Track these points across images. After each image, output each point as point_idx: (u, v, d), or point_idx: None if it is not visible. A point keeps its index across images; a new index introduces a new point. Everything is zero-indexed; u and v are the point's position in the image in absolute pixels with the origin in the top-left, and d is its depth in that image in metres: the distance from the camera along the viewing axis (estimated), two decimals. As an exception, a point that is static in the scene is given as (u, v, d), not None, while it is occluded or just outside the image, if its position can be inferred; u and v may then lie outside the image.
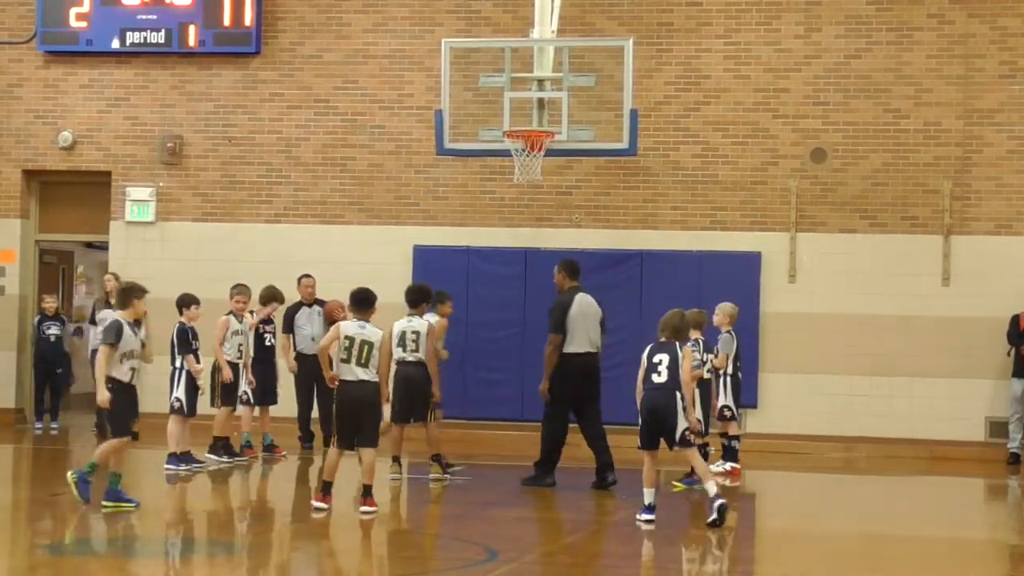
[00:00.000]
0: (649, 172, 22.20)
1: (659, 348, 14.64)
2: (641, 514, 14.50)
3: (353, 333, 14.95)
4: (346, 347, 14.89)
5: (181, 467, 17.78)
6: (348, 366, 14.87)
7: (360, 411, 14.89)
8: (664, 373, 14.48)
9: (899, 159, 21.79)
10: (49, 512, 15.22)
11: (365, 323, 15.05)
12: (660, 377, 14.50)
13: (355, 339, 14.90)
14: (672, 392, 14.47)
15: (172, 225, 23.21)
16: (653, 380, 14.52)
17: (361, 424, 14.88)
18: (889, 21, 21.84)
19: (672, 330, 14.69)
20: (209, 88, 23.20)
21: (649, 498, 14.49)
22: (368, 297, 15.38)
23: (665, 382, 14.46)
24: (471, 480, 18.16)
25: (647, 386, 14.57)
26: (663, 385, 14.47)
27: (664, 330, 14.71)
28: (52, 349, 22.98)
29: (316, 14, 22.97)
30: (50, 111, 23.53)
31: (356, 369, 14.85)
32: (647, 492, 14.51)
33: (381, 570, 12.85)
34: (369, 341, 14.87)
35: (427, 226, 22.58)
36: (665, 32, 22.22)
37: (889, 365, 21.62)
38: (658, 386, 14.49)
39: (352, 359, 14.86)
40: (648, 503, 14.48)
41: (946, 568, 13.42)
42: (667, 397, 14.47)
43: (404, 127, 22.70)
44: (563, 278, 17.69)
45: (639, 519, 14.48)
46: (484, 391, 22.11)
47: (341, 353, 14.93)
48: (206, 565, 12.74)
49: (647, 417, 14.55)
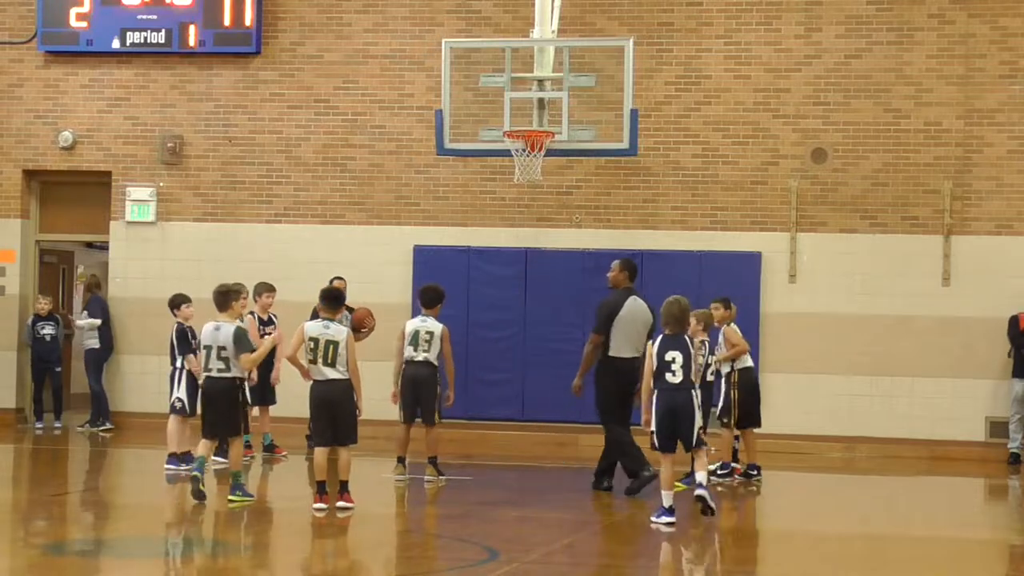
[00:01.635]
0: (649, 172, 22.20)
1: (669, 344, 14.50)
2: (659, 516, 14.39)
3: (317, 334, 15.00)
4: (311, 348, 14.97)
5: (181, 467, 17.76)
6: (316, 367, 14.93)
7: (332, 409, 15.00)
8: (679, 372, 14.41)
9: (899, 159, 21.79)
10: (48, 512, 15.22)
11: (330, 322, 15.07)
12: (675, 377, 14.42)
13: (319, 339, 14.97)
14: (689, 392, 14.43)
15: (172, 225, 23.21)
16: (668, 380, 14.43)
17: (335, 422, 14.99)
18: (890, 21, 21.84)
19: (675, 322, 14.54)
20: (209, 88, 23.20)
21: (668, 501, 14.43)
22: (339, 296, 15.47)
23: (681, 382, 14.40)
24: (472, 480, 18.16)
25: (662, 386, 14.46)
26: (680, 385, 14.41)
27: (668, 323, 14.59)
28: (47, 349, 22.99)
29: (316, 14, 22.97)
30: (50, 111, 23.53)
31: (324, 369, 14.94)
32: (665, 495, 14.45)
33: (383, 570, 12.85)
34: (334, 340, 14.95)
35: (427, 226, 22.58)
36: (665, 32, 22.22)
37: (889, 365, 21.62)
38: (675, 386, 14.41)
39: (319, 359, 14.93)
40: (667, 505, 14.42)
41: (946, 568, 13.41)
42: (685, 397, 14.43)
43: (404, 127, 22.70)
44: (622, 277, 17.09)
45: (657, 521, 14.40)
46: (484, 391, 22.11)
47: (307, 354, 14.99)
48: (206, 565, 12.73)
49: (666, 419, 14.44)
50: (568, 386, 17.19)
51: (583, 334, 21.88)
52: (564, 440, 21.95)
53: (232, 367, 15.21)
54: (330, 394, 14.97)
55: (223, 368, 15.21)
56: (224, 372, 15.23)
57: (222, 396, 15.25)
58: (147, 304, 22.40)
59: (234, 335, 15.18)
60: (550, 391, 21.87)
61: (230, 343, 15.13)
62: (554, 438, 22.00)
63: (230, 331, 15.17)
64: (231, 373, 15.23)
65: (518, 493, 17.79)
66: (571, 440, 21.95)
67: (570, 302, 21.96)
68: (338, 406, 15.01)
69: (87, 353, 22.92)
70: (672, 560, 13.51)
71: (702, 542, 14.09)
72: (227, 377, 15.23)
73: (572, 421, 21.96)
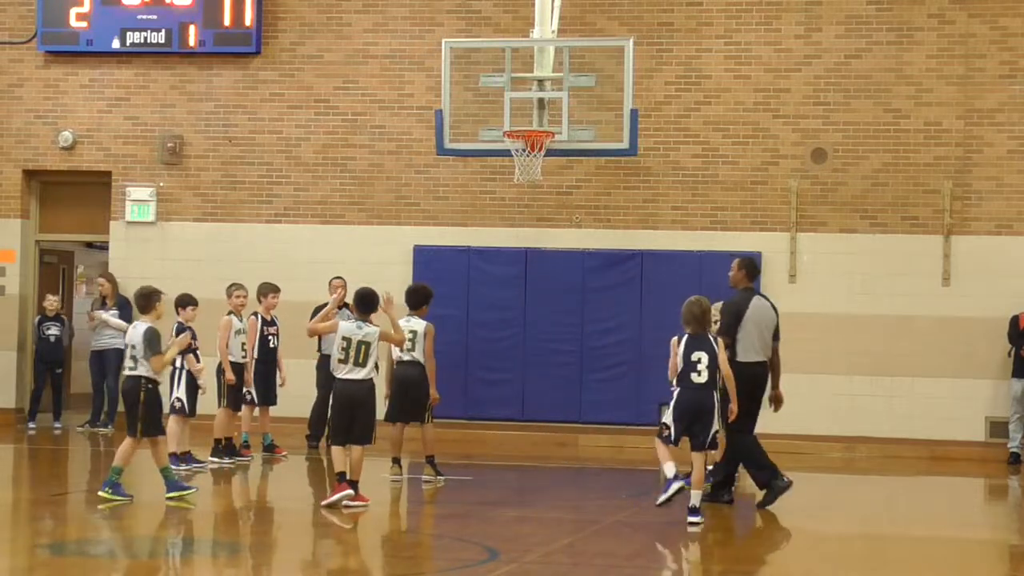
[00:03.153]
0: (649, 172, 22.20)
1: (695, 344, 14.45)
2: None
3: (350, 334, 15.08)
4: (343, 347, 15.05)
5: (182, 467, 17.77)
6: (346, 366, 15.01)
7: (355, 409, 15.09)
8: (704, 373, 14.37)
9: (899, 159, 21.79)
10: (50, 512, 15.22)
11: (363, 323, 15.16)
12: (700, 377, 14.40)
13: (352, 339, 15.05)
14: (711, 393, 14.43)
15: (172, 225, 23.21)
16: (693, 380, 14.40)
17: (354, 421, 15.07)
18: (889, 21, 21.84)
19: (696, 322, 14.49)
20: (209, 88, 23.21)
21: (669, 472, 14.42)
22: (373, 300, 15.47)
23: (706, 382, 14.38)
24: (472, 480, 18.16)
25: (686, 384, 14.44)
26: (704, 385, 14.39)
27: (688, 323, 14.51)
28: (52, 349, 22.96)
29: (316, 14, 22.97)
30: (50, 111, 23.53)
31: (353, 368, 14.98)
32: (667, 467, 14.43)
33: (382, 570, 12.85)
34: (366, 342, 15.04)
35: (427, 226, 22.58)
36: (665, 32, 22.22)
37: (889, 365, 21.62)
38: (698, 386, 14.40)
39: (349, 359, 15.01)
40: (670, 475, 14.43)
41: (947, 568, 13.41)
42: (708, 398, 14.43)
43: (404, 127, 22.70)
44: (741, 276, 16.31)
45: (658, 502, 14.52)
46: (484, 391, 22.12)
47: (339, 353, 15.06)
48: (207, 565, 12.73)
49: (687, 417, 14.39)
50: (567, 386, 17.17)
51: (583, 334, 22.01)
52: (564, 440, 21.97)
53: (139, 365, 15.12)
54: (355, 394, 15.07)
55: (132, 367, 15.20)
56: (132, 370, 15.20)
57: (127, 394, 15.26)
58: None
59: (143, 335, 15.08)
60: (550, 391, 21.91)
61: (140, 342, 15.10)
62: (554, 438, 22.00)
63: (141, 330, 15.17)
64: (137, 372, 15.15)
65: (518, 493, 17.79)
66: (571, 440, 21.97)
67: (570, 302, 21.97)
68: (361, 406, 15.11)
69: (108, 353, 22.64)
70: (672, 560, 13.52)
71: (702, 542, 14.08)
72: (133, 375, 15.20)
73: (572, 421, 22.00)
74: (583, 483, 17.31)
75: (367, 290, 15.47)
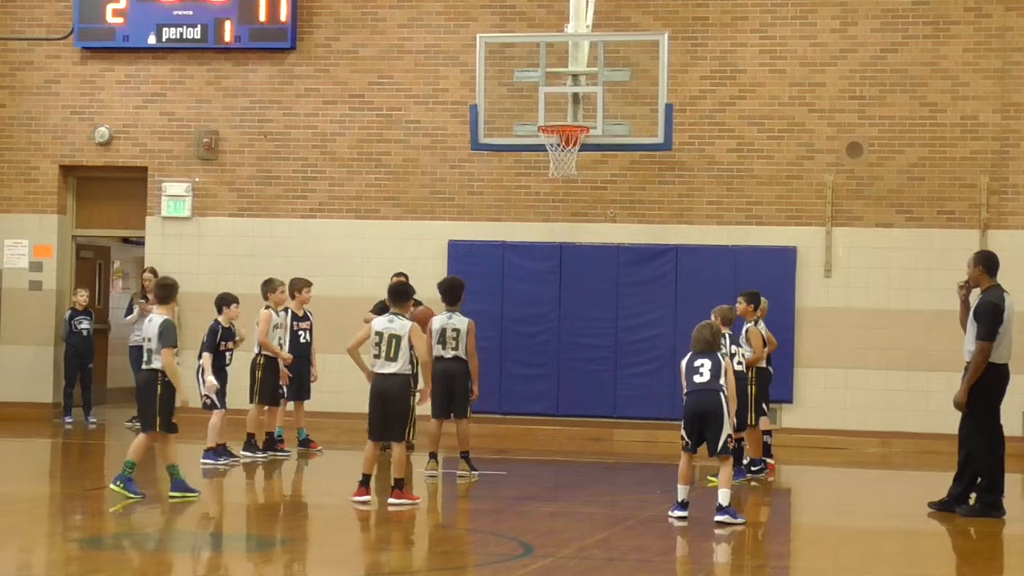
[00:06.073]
0: (684, 167, 22.17)
1: (699, 356, 14.39)
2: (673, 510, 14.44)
3: (382, 328, 15.02)
4: (376, 342, 14.97)
5: (220, 461, 17.85)
6: (379, 360, 14.94)
7: (387, 405, 14.98)
8: (706, 374, 14.24)
9: (935, 153, 21.71)
10: (84, 506, 15.29)
11: (395, 316, 15.08)
12: (702, 377, 14.26)
13: (384, 333, 14.97)
14: (716, 393, 14.25)
15: (208, 220, 23.28)
16: (695, 381, 14.30)
17: (388, 417, 14.98)
18: (925, 14, 21.75)
19: (704, 344, 14.42)
20: (245, 84, 23.27)
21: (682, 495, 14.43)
22: (406, 291, 15.46)
23: (708, 381, 14.23)
24: (506, 475, 18.17)
25: (690, 388, 14.34)
26: (706, 385, 14.24)
27: (697, 343, 14.45)
28: (83, 343, 23.04)
29: (351, 9, 23.00)
30: (87, 107, 23.63)
31: (385, 363, 14.92)
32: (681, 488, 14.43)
33: (417, 564, 12.87)
34: (397, 335, 14.92)
35: (462, 221, 22.59)
36: (700, 26, 22.18)
37: (925, 360, 21.53)
38: (701, 387, 14.27)
39: (382, 354, 14.92)
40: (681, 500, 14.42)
41: (983, 564, 13.36)
42: (711, 398, 14.25)
43: (439, 122, 22.71)
44: (980, 273, 15.24)
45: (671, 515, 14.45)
46: (519, 386, 22.12)
47: (373, 348, 15.01)
48: (241, 559, 12.78)
49: (694, 421, 14.30)
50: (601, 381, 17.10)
51: (617, 329, 22.00)
52: (599, 435, 21.96)
53: (154, 360, 14.95)
54: (386, 389, 14.95)
55: (147, 360, 15.07)
56: (148, 364, 15.03)
57: (144, 388, 15.06)
58: (182, 299, 22.24)
59: (158, 327, 14.89)
60: (584, 386, 21.90)
61: (155, 335, 14.95)
62: (588, 433, 22.00)
63: (157, 323, 15.04)
64: (153, 366, 14.96)
65: (552, 488, 17.79)
66: (606, 435, 21.96)
67: (604, 297, 21.96)
68: (393, 402, 14.97)
69: (130, 350, 22.66)
70: (706, 555, 13.50)
71: (735, 537, 14.06)
72: (150, 369, 15.04)
73: (606, 416, 21.99)
74: (617, 478, 17.31)
75: (399, 284, 15.45)
